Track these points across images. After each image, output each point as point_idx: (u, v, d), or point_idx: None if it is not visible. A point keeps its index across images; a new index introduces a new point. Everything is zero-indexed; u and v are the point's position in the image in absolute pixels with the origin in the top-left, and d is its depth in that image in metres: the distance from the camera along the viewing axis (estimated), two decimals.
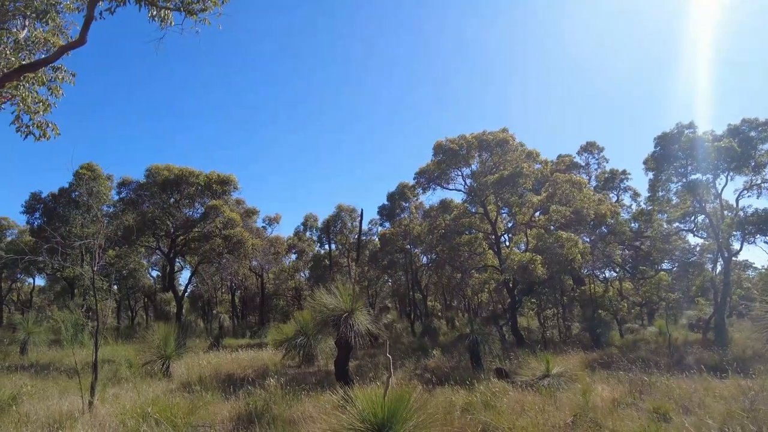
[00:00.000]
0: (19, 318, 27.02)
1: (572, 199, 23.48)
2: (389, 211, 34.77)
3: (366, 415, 6.53)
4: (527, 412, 8.66)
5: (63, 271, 25.57)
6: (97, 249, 11.95)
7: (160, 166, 23.91)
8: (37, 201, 27.72)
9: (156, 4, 6.69)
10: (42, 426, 8.28)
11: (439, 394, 10.33)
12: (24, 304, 41.34)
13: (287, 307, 42.79)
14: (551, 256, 21.32)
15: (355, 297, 10.37)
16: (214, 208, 23.51)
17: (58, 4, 8.11)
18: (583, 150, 35.81)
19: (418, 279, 34.94)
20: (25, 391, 10.78)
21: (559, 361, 14.22)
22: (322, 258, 38.31)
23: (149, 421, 7.95)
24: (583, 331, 24.95)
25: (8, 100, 7.29)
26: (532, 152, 24.93)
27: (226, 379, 13.43)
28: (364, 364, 16.63)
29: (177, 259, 27.26)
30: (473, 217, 25.14)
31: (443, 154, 23.73)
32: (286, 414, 8.61)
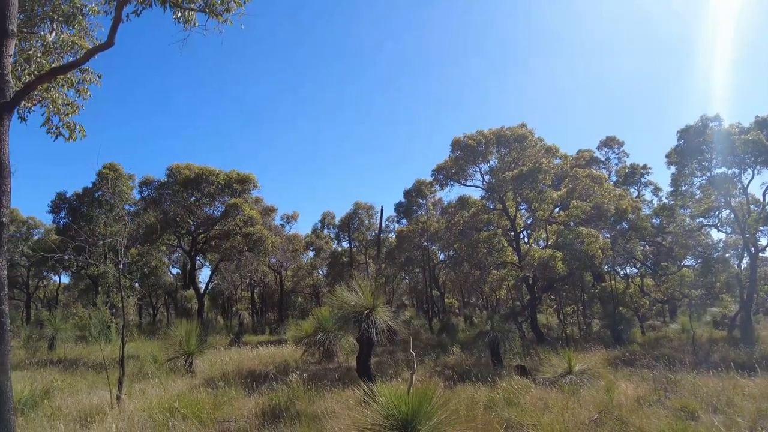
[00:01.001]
0: (46, 315, 27.73)
1: (592, 194, 23.18)
2: (406, 208, 34.78)
3: (390, 411, 6.56)
4: (551, 409, 8.61)
5: (87, 269, 26.12)
6: (121, 248, 12.20)
7: (180, 165, 24.28)
8: (63, 201, 28.35)
9: (180, 5, 6.79)
10: (73, 419, 8.49)
11: (461, 391, 10.32)
12: (50, 302, 42.34)
13: (305, 303, 43.16)
14: (571, 252, 21.09)
15: (376, 294, 10.39)
16: (235, 207, 23.79)
17: (84, 8, 8.30)
18: (602, 145, 35.31)
19: (436, 276, 34.89)
20: (56, 386, 11.08)
21: (581, 358, 14.10)
22: (339, 255, 38.51)
23: (176, 416, 8.10)
24: (603, 328, 24.64)
25: (38, 102, 7.47)
26: (551, 147, 24.66)
27: (248, 375, 13.58)
28: (383, 360, 16.69)
29: (197, 256, 27.63)
30: (492, 213, 24.98)
31: (461, 150, 23.60)
32: (309, 410, 8.68)
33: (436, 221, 31.52)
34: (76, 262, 25.49)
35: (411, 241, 31.40)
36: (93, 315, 15.76)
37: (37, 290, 43.03)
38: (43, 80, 6.54)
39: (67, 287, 46.16)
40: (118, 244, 12.36)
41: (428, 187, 33.05)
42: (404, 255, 31.88)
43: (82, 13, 8.27)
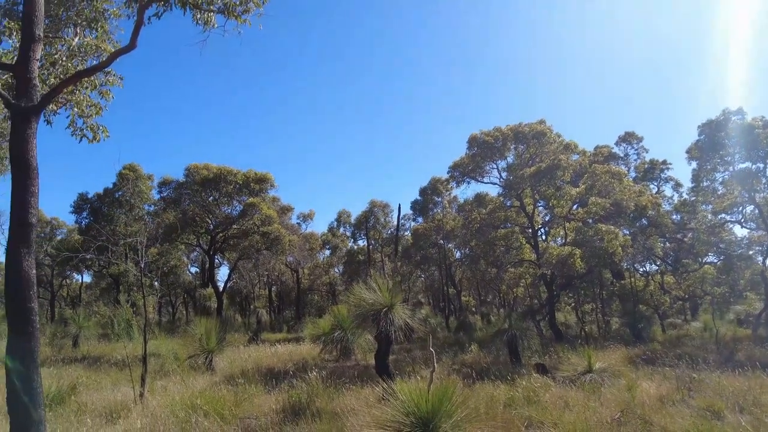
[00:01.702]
0: (70, 313, 28.34)
1: (611, 190, 22.88)
2: (422, 206, 34.73)
3: (410, 409, 6.57)
4: (571, 407, 8.54)
5: (109, 268, 26.62)
6: (142, 247, 12.41)
7: (198, 165, 24.59)
8: (84, 201, 28.92)
9: (200, 7, 6.87)
10: (99, 415, 8.67)
11: (480, 389, 10.29)
12: (73, 300, 43.21)
13: (322, 302, 43.39)
14: (590, 249, 20.85)
15: (394, 292, 10.41)
16: (252, 206, 24.04)
17: (105, 12, 8.45)
18: (621, 140, 34.82)
19: (452, 274, 34.77)
20: (81, 382, 11.31)
21: (601, 356, 13.96)
22: (355, 254, 38.60)
23: (198, 412, 8.23)
24: (623, 326, 24.33)
25: (63, 105, 7.63)
26: (570, 144, 24.39)
27: (268, 372, 13.71)
28: (401, 358, 16.71)
29: (216, 255, 27.97)
30: (509, 210, 24.81)
31: (478, 147, 23.47)
32: (329, 407, 8.74)
33: (452, 219, 31.41)
34: (98, 262, 25.98)
35: (427, 239, 31.34)
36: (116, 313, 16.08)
37: (61, 289, 43.94)
38: (69, 83, 6.67)
39: (89, 286, 47.04)
40: (139, 244, 12.59)
41: (444, 184, 32.95)
42: (420, 253, 31.85)
43: (104, 17, 8.41)
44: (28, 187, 5.86)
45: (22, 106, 5.82)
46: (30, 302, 5.75)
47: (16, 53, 6.50)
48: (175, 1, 6.75)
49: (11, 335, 5.62)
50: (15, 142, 5.85)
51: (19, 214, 5.80)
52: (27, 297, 5.73)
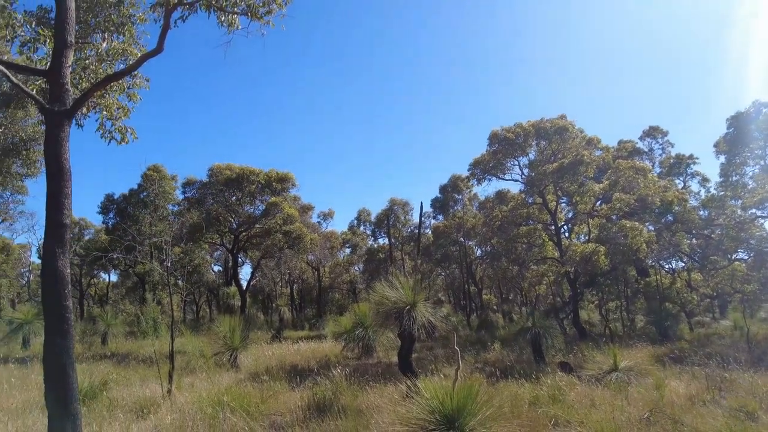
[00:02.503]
0: (98, 311, 29.08)
1: (636, 186, 22.44)
2: (442, 203, 34.64)
3: (435, 407, 6.58)
4: (598, 406, 8.43)
5: (135, 267, 27.21)
6: (169, 246, 12.66)
7: (221, 165, 24.95)
8: (111, 202, 29.61)
9: (224, 9, 6.98)
10: (129, 410, 8.88)
11: (503, 388, 10.22)
12: (101, 299, 44.27)
13: (343, 299, 43.66)
14: (614, 246, 20.51)
15: (417, 290, 10.41)
16: (274, 205, 24.32)
17: (132, 17, 8.64)
18: (645, 135, 34.09)
19: (473, 272, 34.59)
20: (111, 378, 11.59)
21: (626, 355, 13.69)
22: (375, 252, 38.69)
23: (225, 408, 8.36)
24: (648, 324, 23.88)
25: (93, 108, 7.83)
26: (592, 139, 24.01)
27: (291, 369, 13.85)
28: (423, 356, 16.71)
29: (239, 254, 28.35)
30: (531, 207, 24.55)
31: (499, 143, 23.26)
32: (353, 404, 8.79)
33: (472, 216, 31.24)
34: (124, 261, 26.58)
35: (447, 237, 31.24)
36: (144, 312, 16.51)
37: (89, 288, 45.06)
38: (99, 87, 6.84)
39: (115, 285, 48.13)
40: (164, 243, 12.84)
41: (464, 182, 32.76)
42: (440, 251, 31.76)
43: (130, 22, 8.61)
44: (62, 189, 6.04)
45: (55, 110, 6.00)
46: (65, 300, 5.93)
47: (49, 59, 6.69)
48: (200, 3, 6.87)
49: (47, 332, 5.81)
50: (49, 146, 6.03)
51: (53, 215, 5.98)
52: (62, 296, 5.91)
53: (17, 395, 10.21)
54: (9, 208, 27.24)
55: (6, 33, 6.55)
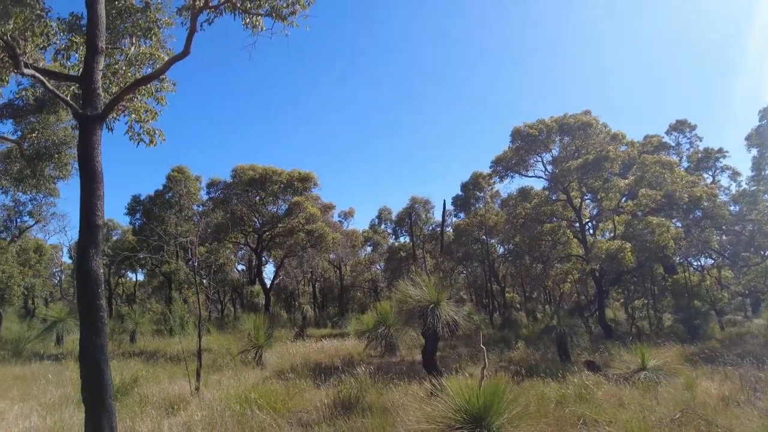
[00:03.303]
0: (126, 310, 29.78)
1: (663, 181, 21.96)
2: (463, 201, 34.44)
3: (461, 405, 6.56)
4: (626, 406, 8.30)
5: (161, 267, 27.78)
6: (195, 246, 12.91)
7: (245, 166, 25.31)
8: (137, 203, 30.24)
9: (249, 11, 7.08)
10: (159, 407, 9.09)
11: (529, 387, 10.15)
12: (129, 298, 45.31)
13: (364, 298, 43.85)
14: (640, 243, 20.13)
15: (440, 288, 10.40)
16: (297, 204, 24.60)
17: (158, 21, 8.82)
18: (672, 129, 33.26)
19: (495, 270, 34.34)
20: (141, 375, 11.87)
21: (654, 354, 13.42)
22: (396, 250, 38.72)
23: (252, 406, 8.50)
24: (677, 322, 23.37)
25: (122, 112, 8.03)
26: (617, 134, 23.61)
27: (315, 367, 13.97)
28: (446, 355, 16.67)
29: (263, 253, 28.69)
30: (555, 204, 24.25)
31: (521, 140, 23.06)
32: (378, 402, 8.83)
33: (494, 214, 31.00)
34: (151, 261, 27.14)
35: (469, 235, 31.06)
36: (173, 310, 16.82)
37: (117, 287, 46.19)
38: (129, 91, 7.02)
39: (142, 284, 49.20)
40: (189, 243, 13.09)
41: (486, 179, 32.56)
42: (462, 249, 31.60)
43: (157, 26, 8.79)
44: (94, 191, 6.21)
45: (88, 114, 6.17)
46: (98, 299, 6.10)
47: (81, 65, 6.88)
48: (225, 6, 6.98)
49: (83, 331, 5.98)
50: (82, 149, 6.21)
51: (87, 216, 6.16)
52: (96, 294, 6.07)
53: (54, 390, 10.55)
54: (42, 210, 28.14)
55: (41, 41, 6.75)
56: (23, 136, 15.65)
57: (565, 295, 38.35)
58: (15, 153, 16.31)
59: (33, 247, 30.56)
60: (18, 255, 26.82)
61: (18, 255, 26.82)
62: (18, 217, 27.73)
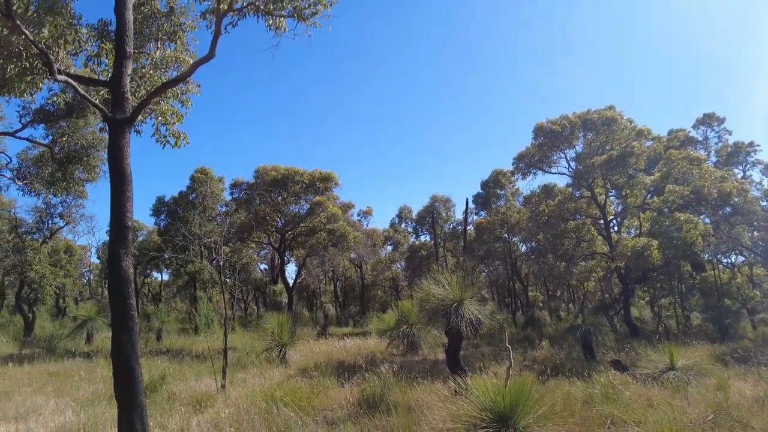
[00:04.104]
0: (152, 309, 30.42)
1: (690, 177, 21.43)
2: (484, 199, 34.18)
3: (486, 404, 6.53)
4: (655, 406, 8.14)
5: (186, 266, 28.28)
6: (220, 246, 13.11)
7: (267, 166, 25.58)
8: (162, 204, 30.82)
9: (271, 13, 7.15)
10: (187, 404, 9.26)
11: (555, 386, 10.03)
12: (155, 297, 46.25)
13: (385, 297, 43.91)
14: (667, 240, 19.68)
15: (464, 287, 10.35)
16: (319, 204, 24.79)
17: (182, 25, 8.98)
18: (699, 123, 32.38)
19: (518, 269, 33.99)
20: (168, 373, 12.12)
21: (683, 353, 13.15)
22: (417, 249, 38.66)
23: (277, 403, 8.59)
24: (706, 321, 22.80)
25: (149, 114, 8.20)
26: (642, 129, 23.09)
27: (338, 365, 14.05)
28: (469, 354, 16.59)
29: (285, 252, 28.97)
30: (579, 201, 23.88)
31: (544, 136, 22.77)
32: (402, 400, 8.84)
33: (516, 212, 30.68)
34: (176, 261, 27.64)
35: (491, 233, 30.80)
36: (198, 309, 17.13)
37: (143, 286, 47.22)
38: (156, 94, 7.17)
39: (167, 284, 50.14)
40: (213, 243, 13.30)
41: (506, 177, 32.26)
42: (484, 247, 31.36)
43: (181, 30, 8.96)
44: (124, 193, 6.36)
45: (117, 118, 6.33)
46: (129, 299, 6.25)
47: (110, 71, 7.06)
48: (248, 9, 7.07)
49: (114, 329, 6.13)
50: (112, 152, 6.37)
51: (117, 217, 6.31)
52: (126, 294, 6.22)
53: (86, 387, 10.85)
54: (72, 211, 28.97)
55: (73, 48, 6.94)
56: (54, 140, 16.13)
57: (589, 294, 37.77)
58: (46, 156, 16.82)
59: (63, 248, 31.43)
60: (50, 256, 27.62)
61: (50, 256, 27.62)
62: (49, 219, 28.60)
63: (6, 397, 9.83)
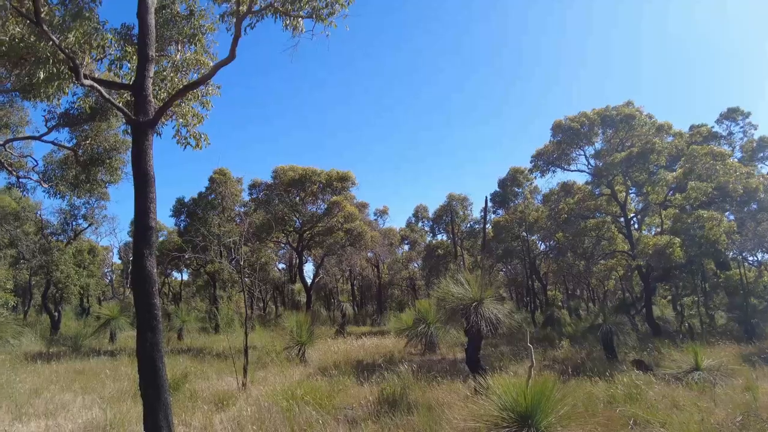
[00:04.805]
0: (173, 308, 30.86)
1: (714, 173, 20.96)
2: (501, 197, 33.88)
3: (508, 404, 6.49)
4: (680, 407, 7.99)
5: (206, 266, 28.64)
6: (240, 246, 13.28)
7: (285, 167, 25.76)
8: (182, 205, 31.23)
9: (289, 13, 7.19)
10: (209, 402, 9.39)
11: (576, 386, 9.92)
12: (175, 296, 46.90)
13: (402, 296, 43.90)
14: (690, 238, 19.30)
15: (483, 286, 10.29)
16: (336, 204, 24.88)
17: (202, 27, 9.09)
18: (723, 117, 31.55)
19: (537, 267, 33.66)
20: (190, 371, 12.30)
21: (708, 353, 12.90)
22: (434, 248, 38.53)
23: (298, 402, 8.66)
24: (731, 321, 22.30)
25: (170, 117, 8.32)
26: (663, 125, 22.67)
27: (357, 364, 14.09)
28: (487, 353, 16.49)
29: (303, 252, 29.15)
30: (599, 199, 23.55)
31: (562, 133, 22.49)
32: (422, 399, 8.84)
33: (534, 210, 30.37)
34: (196, 260, 28.00)
35: (509, 232, 30.54)
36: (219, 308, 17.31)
37: (163, 286, 47.93)
38: (178, 97, 7.27)
39: (187, 283, 50.78)
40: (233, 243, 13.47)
41: (524, 175, 31.93)
42: (502, 246, 31.12)
43: (200, 32, 9.06)
44: (147, 195, 6.46)
45: (140, 121, 6.43)
46: (153, 298, 6.34)
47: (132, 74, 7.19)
48: (267, 10, 7.12)
49: (139, 328, 6.24)
50: (136, 155, 6.47)
51: (141, 219, 6.42)
52: (150, 294, 6.32)
53: (111, 385, 11.07)
54: (94, 213, 29.61)
55: (98, 52, 7.08)
56: (78, 143, 16.49)
57: (609, 293, 37.24)
58: (71, 159, 17.18)
59: (87, 249, 32.06)
60: (74, 256, 28.23)
61: (74, 256, 28.23)
62: (73, 221, 29.25)
63: (35, 394, 10.08)
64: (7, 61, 7.34)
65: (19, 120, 16.69)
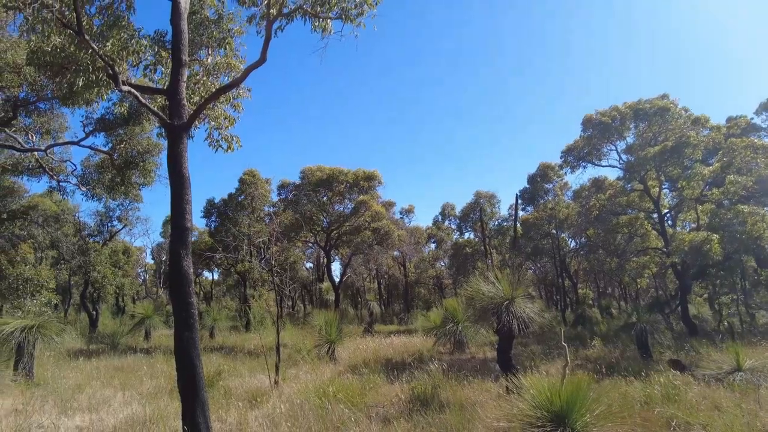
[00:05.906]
0: (205, 307, 31.54)
1: (754, 166, 20.18)
2: (530, 194, 33.33)
3: (541, 403, 6.41)
4: (723, 409, 7.73)
5: (236, 266, 29.16)
6: (271, 246, 13.47)
7: (312, 167, 26.04)
8: (212, 206, 31.87)
9: (318, 15, 7.26)
10: (242, 399, 9.56)
11: (610, 385, 9.72)
12: (206, 296, 47.93)
13: (429, 294, 43.73)
14: (729, 234, 18.63)
15: (515, 284, 10.17)
16: (363, 203, 25.02)
17: (230, 31, 9.26)
18: (763, 108, 30.28)
19: (567, 265, 33.04)
20: (223, 369, 12.54)
21: (750, 353, 12.44)
22: (461, 246, 38.27)
23: (330, 399, 8.74)
24: None
25: (203, 120, 8.50)
26: (699, 118, 21.93)
27: (386, 363, 14.12)
28: (517, 352, 16.25)
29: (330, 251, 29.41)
30: (631, 195, 22.96)
31: (593, 128, 22.00)
32: (453, 398, 8.80)
33: (565, 207, 29.79)
34: (227, 260, 28.53)
35: (538, 229, 30.05)
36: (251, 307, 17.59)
37: (195, 285, 49.02)
38: (211, 100, 7.43)
39: (217, 283, 51.80)
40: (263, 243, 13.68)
41: (554, 170, 31.32)
42: (531, 244, 30.66)
43: (230, 36, 9.23)
44: (183, 196, 6.62)
45: (175, 124, 6.59)
46: (190, 297, 6.49)
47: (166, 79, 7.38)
48: (297, 12, 7.20)
49: (177, 327, 6.40)
50: (171, 157, 6.63)
51: (177, 220, 6.58)
52: (187, 292, 6.47)
53: (148, 381, 11.39)
54: (128, 214, 30.55)
55: (133, 59, 7.30)
56: (113, 147, 17.03)
57: (642, 291, 36.29)
58: (106, 163, 17.76)
59: (121, 249, 33.09)
60: (110, 257, 29.16)
61: (110, 257, 29.16)
62: (108, 222, 30.25)
63: (79, 389, 10.46)
64: (49, 70, 7.63)
65: (59, 126, 17.35)
